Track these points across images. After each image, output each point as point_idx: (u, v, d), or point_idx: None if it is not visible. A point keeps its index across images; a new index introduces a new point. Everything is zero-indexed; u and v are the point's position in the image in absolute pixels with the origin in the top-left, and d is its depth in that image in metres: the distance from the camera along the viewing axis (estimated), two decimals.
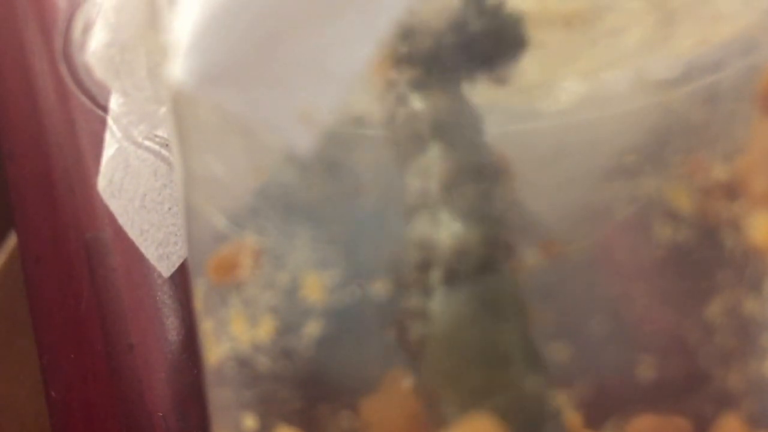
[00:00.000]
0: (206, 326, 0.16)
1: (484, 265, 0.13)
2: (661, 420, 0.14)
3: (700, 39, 0.15)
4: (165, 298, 0.23)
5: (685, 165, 0.15)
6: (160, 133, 0.21)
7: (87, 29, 0.19)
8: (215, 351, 0.16)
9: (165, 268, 0.22)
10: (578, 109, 0.15)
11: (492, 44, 0.14)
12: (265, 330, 0.15)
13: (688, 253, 0.15)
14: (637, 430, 0.14)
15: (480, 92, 0.15)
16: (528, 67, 0.15)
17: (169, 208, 0.22)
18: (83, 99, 0.21)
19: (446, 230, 0.13)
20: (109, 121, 0.21)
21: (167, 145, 0.22)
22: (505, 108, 0.16)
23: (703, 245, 0.15)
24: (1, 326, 0.28)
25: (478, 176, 0.14)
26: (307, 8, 0.13)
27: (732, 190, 0.15)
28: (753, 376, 0.14)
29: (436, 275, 0.13)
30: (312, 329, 0.15)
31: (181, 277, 0.23)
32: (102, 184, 0.22)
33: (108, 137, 0.22)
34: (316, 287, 0.15)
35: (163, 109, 0.19)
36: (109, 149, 0.22)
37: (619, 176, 0.15)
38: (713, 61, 0.15)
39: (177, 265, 0.22)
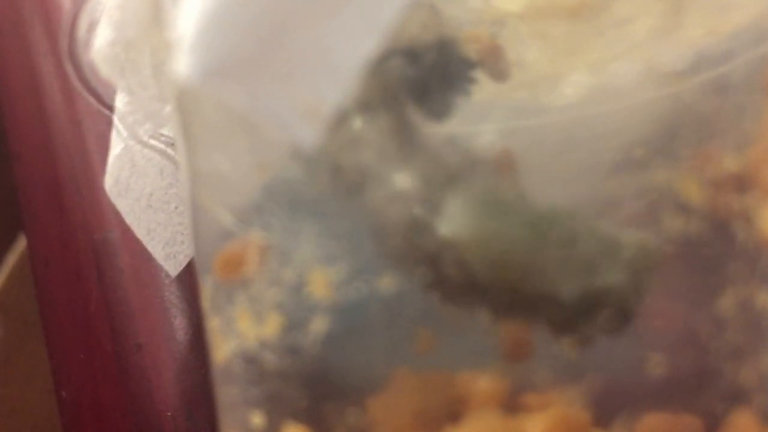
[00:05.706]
0: (213, 324, 0.16)
1: None
2: (671, 418, 0.14)
3: (710, 29, 0.15)
4: (173, 298, 0.23)
5: (695, 157, 0.15)
6: (165, 132, 0.21)
7: (91, 28, 0.19)
8: (222, 349, 0.16)
9: (172, 267, 0.22)
10: (586, 102, 0.15)
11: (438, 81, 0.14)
12: (271, 327, 0.15)
13: (699, 247, 0.15)
14: (647, 428, 0.14)
15: (485, 87, 0.15)
16: (534, 59, 0.15)
17: (176, 207, 0.22)
18: (89, 98, 0.21)
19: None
20: (115, 120, 0.21)
21: (173, 144, 0.22)
22: (511, 103, 0.16)
23: (713, 238, 0.15)
24: (12, 328, 0.29)
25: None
26: (311, 2, 0.13)
27: (743, 182, 0.15)
28: (765, 370, 0.14)
29: None
30: (318, 326, 0.15)
31: (189, 277, 0.23)
32: (108, 183, 0.22)
33: (114, 136, 0.21)
34: (322, 283, 0.15)
35: (168, 108, 0.19)
36: (115, 148, 0.22)
37: (628, 169, 0.15)
38: (723, 51, 0.15)
39: (184, 264, 0.22)
